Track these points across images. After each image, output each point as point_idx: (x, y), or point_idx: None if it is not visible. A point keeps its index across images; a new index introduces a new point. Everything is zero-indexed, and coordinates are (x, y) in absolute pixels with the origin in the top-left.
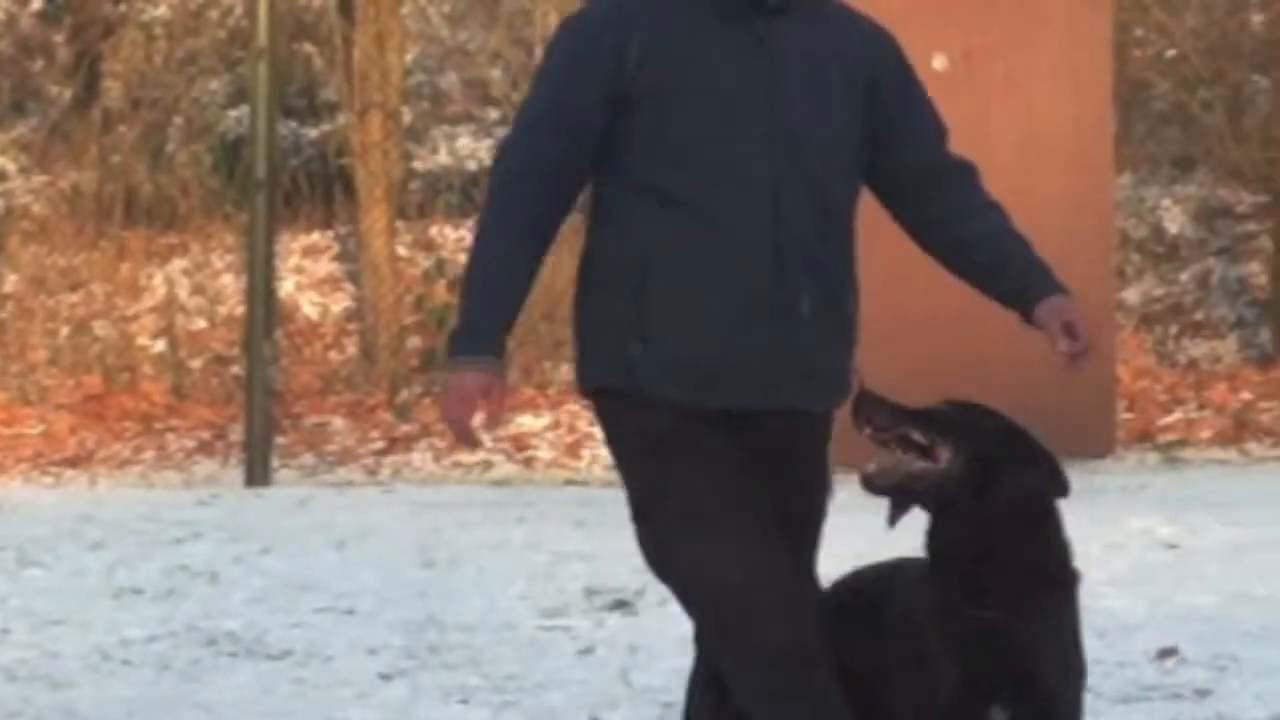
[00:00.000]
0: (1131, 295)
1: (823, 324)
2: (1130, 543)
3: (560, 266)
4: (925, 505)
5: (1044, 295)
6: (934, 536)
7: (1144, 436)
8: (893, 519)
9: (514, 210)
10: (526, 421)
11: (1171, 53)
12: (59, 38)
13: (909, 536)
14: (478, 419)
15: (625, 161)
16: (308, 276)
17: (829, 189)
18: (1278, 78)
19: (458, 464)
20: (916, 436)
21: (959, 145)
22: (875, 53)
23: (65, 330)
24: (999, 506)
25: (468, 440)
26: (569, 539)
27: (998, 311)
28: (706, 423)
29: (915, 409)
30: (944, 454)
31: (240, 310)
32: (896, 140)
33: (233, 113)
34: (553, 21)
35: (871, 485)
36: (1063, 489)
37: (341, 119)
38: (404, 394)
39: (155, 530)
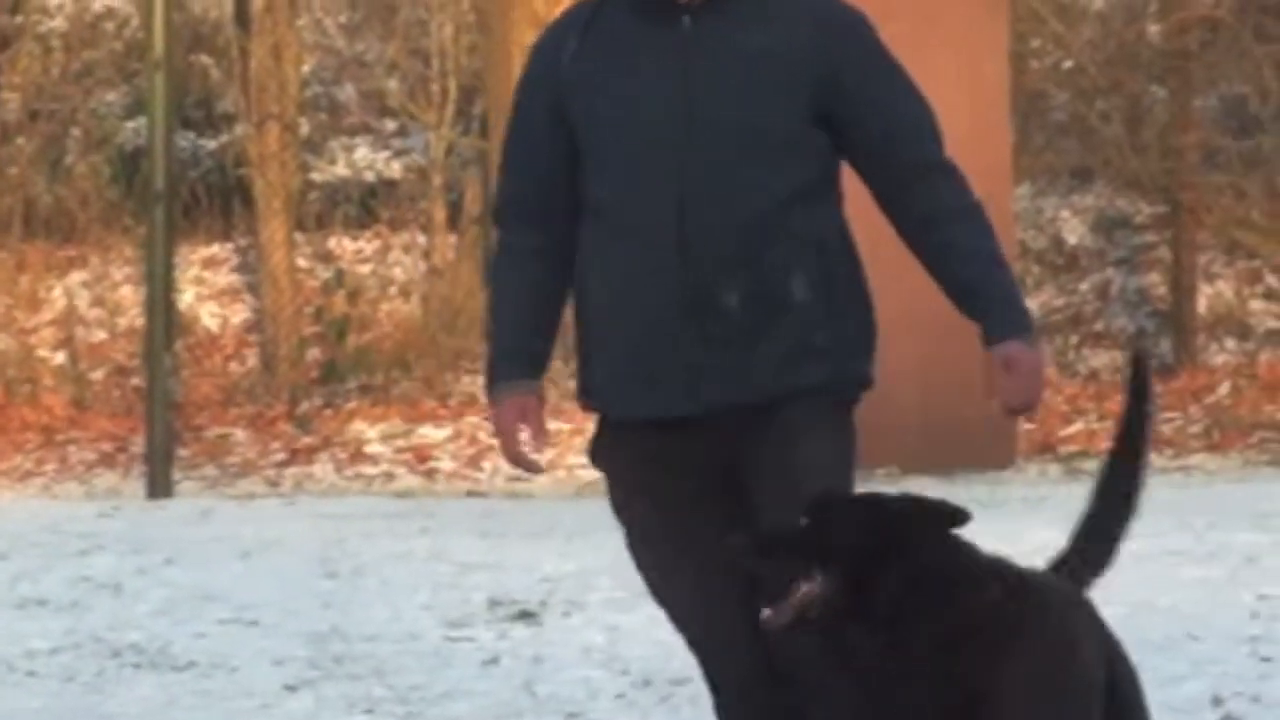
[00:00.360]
0: (1031, 306)
1: (750, 314)
2: (1032, 555)
3: (459, 279)
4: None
5: (1002, 336)
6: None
7: (1045, 448)
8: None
9: (509, 245)
10: (428, 433)
11: (1069, 64)
12: None
13: None
14: (527, 443)
15: (583, 175)
16: (207, 288)
17: (756, 186)
18: (1175, 88)
19: (359, 475)
20: (774, 572)
21: None
22: (831, 45)
23: None
24: (895, 601)
25: (526, 466)
26: (472, 550)
27: (893, 322)
28: (661, 442)
29: (772, 535)
30: (814, 578)
31: (140, 322)
32: (862, 135)
33: (130, 124)
34: (449, 33)
35: (770, 628)
36: (954, 520)
37: (239, 130)
38: (304, 405)
39: (58, 542)
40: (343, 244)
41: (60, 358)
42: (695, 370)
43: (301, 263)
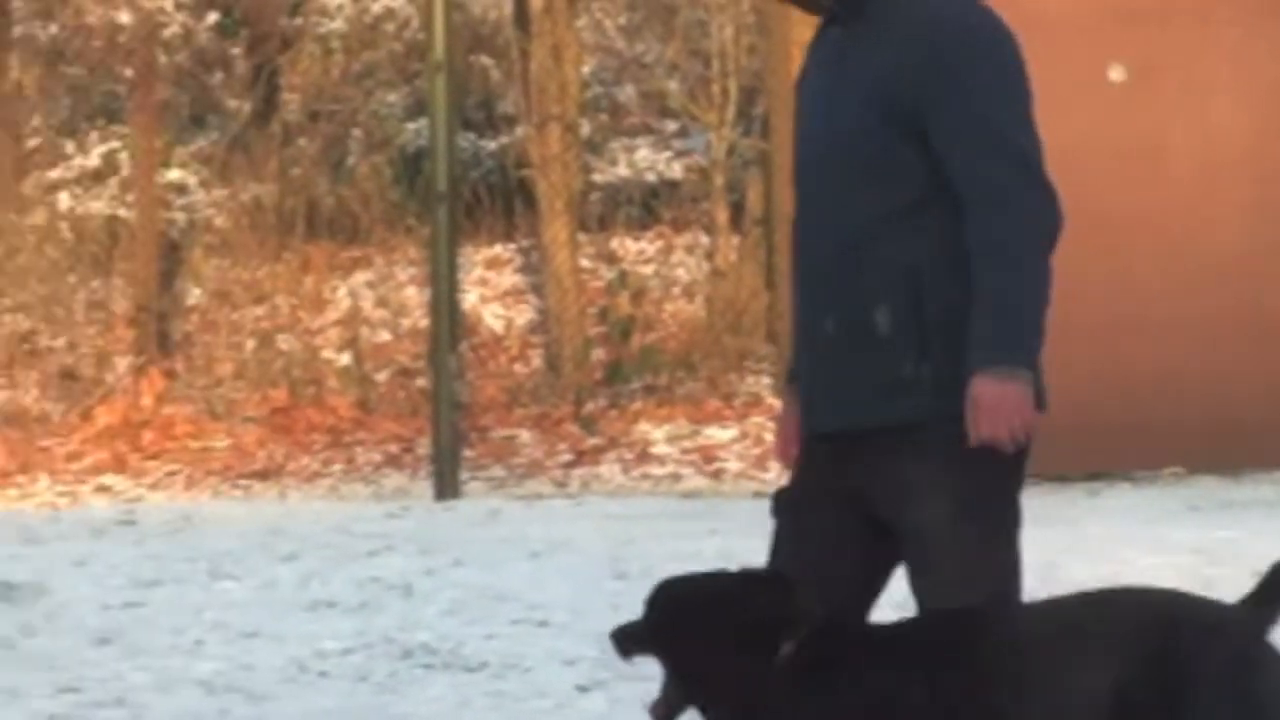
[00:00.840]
0: None
1: (844, 342)
2: None
3: (743, 280)
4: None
5: (970, 371)
6: None
7: None
8: None
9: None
10: (714, 433)
11: None
12: (236, 51)
13: None
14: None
15: None
16: (491, 289)
17: (848, 205)
18: None
19: (646, 476)
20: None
21: (1136, 158)
22: (912, 56)
23: (250, 344)
24: (724, 675)
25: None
26: (759, 551)
27: (1191, 320)
28: (811, 453)
29: (624, 632)
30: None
31: (424, 323)
32: (936, 149)
33: (412, 125)
34: (729, 33)
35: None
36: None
37: (520, 131)
38: (589, 406)
39: (346, 543)
40: (625, 244)
41: (345, 359)
42: (815, 393)
43: (585, 263)
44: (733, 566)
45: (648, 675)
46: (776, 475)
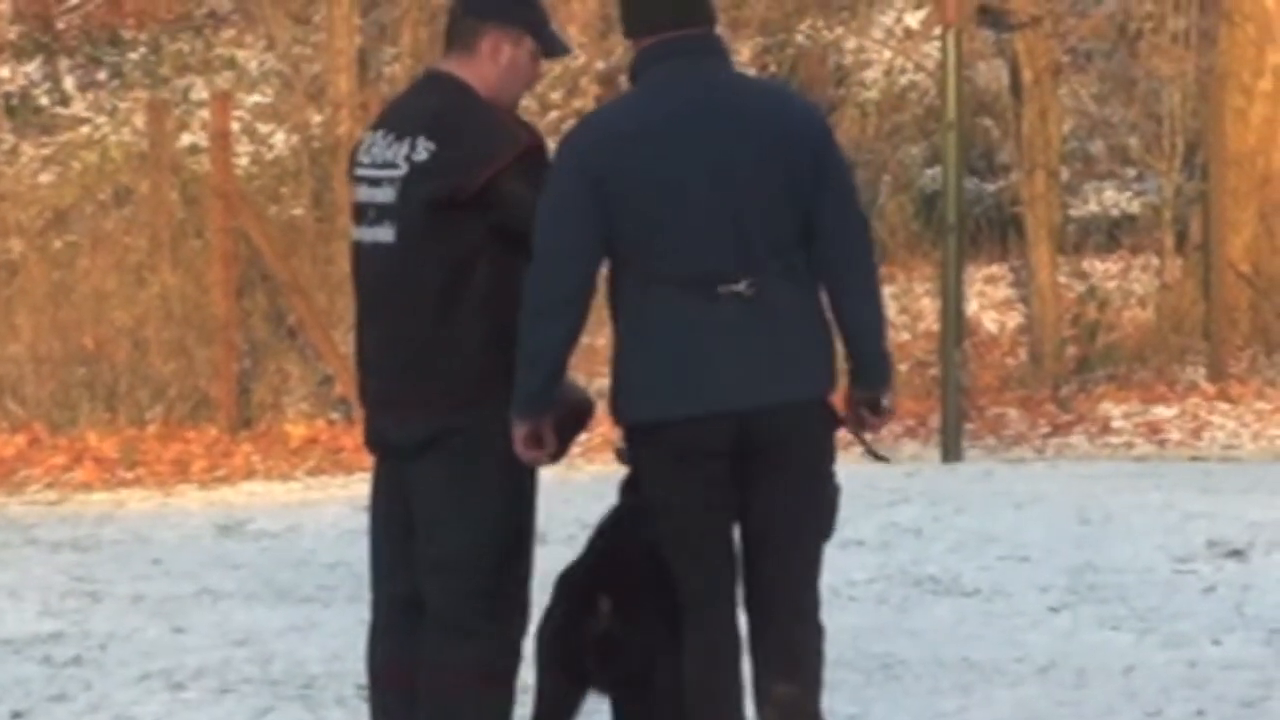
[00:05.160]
0: None
1: None
2: None
3: (1185, 292)
4: None
5: None
6: None
7: None
8: None
9: None
10: (1159, 411)
11: None
12: None
13: None
14: None
15: None
16: (988, 299)
17: None
18: None
19: (1106, 444)
20: None
21: None
22: None
23: None
24: None
25: None
26: (1194, 502)
27: None
28: None
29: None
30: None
31: (935, 326)
32: None
33: (929, 171)
34: (1177, 99)
35: None
36: None
37: (1013, 176)
38: (1064, 390)
39: (873, 495)
40: (1094, 265)
41: None
42: None
43: (1061, 279)
44: (1171, 515)
45: (1111, 599)
46: (1208, 444)
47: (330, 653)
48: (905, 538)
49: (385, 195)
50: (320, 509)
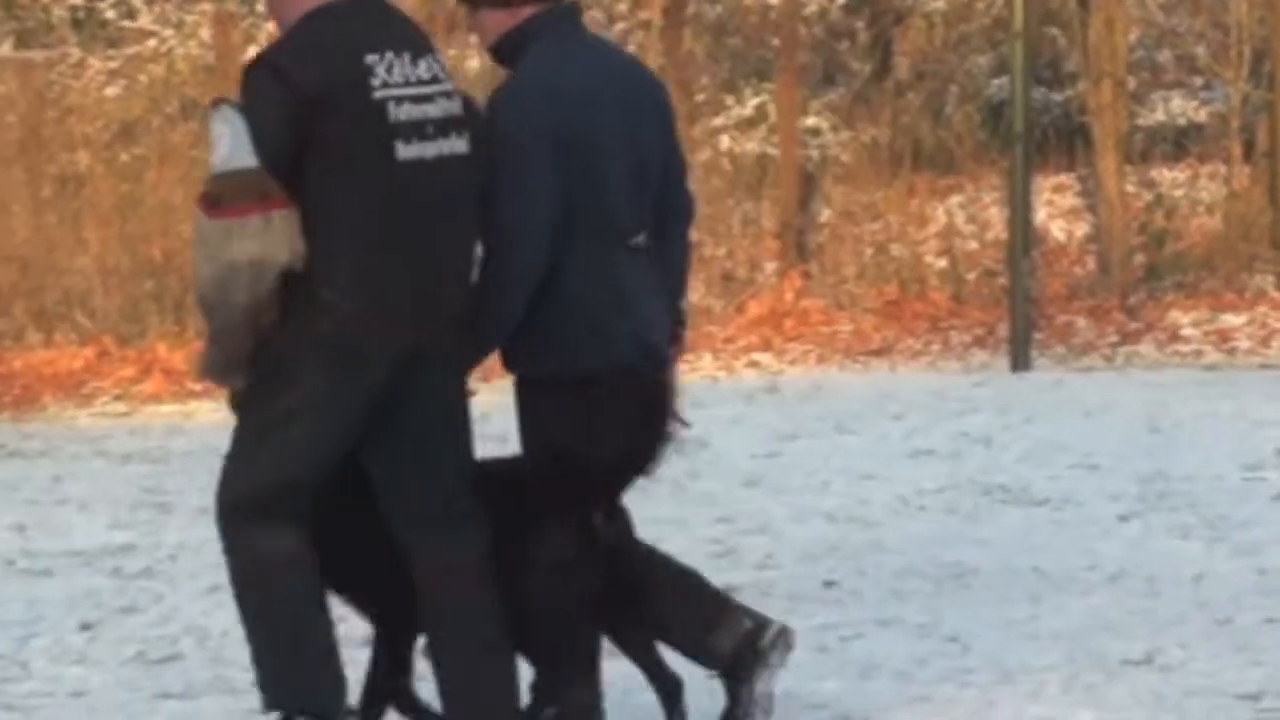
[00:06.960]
0: None
1: None
2: None
3: (1252, 200)
4: None
5: None
6: None
7: None
8: None
9: None
10: (1228, 319)
11: None
12: (859, 24)
13: None
14: None
15: None
16: (1056, 208)
17: None
18: None
19: (1175, 353)
20: None
21: None
22: None
23: (869, 251)
24: None
25: None
26: (1264, 410)
27: None
28: None
29: None
30: None
31: (1004, 235)
32: None
33: (996, 81)
34: (1244, 9)
35: None
36: None
37: (1080, 86)
38: (1132, 299)
39: (942, 405)
40: (1161, 174)
41: (942, 263)
42: None
43: (1129, 188)
44: (1242, 424)
45: (1181, 507)
46: (1277, 351)
47: None
48: (975, 447)
49: (441, 109)
50: None
